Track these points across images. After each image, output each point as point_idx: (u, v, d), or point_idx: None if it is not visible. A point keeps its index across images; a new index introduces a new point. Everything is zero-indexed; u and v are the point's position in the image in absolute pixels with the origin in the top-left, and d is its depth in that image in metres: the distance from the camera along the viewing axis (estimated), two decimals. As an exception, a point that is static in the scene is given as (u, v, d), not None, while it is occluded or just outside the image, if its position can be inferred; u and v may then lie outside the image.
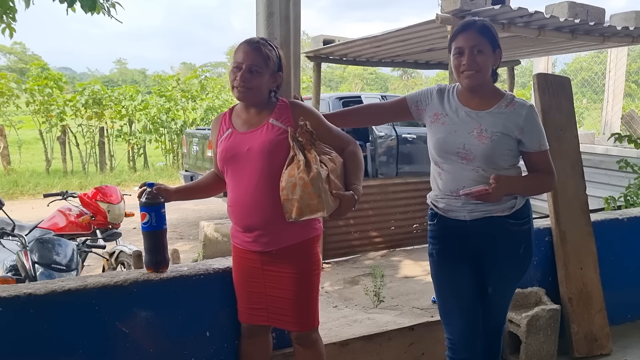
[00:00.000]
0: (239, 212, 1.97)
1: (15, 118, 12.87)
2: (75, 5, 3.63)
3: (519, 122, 2.00)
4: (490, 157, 2.00)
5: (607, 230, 3.21)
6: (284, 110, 1.96)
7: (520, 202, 2.07)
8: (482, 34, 1.97)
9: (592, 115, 12.43)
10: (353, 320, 3.31)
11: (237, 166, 1.95)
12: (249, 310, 2.08)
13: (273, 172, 1.88)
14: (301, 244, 1.97)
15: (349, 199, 1.92)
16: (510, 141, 2.02)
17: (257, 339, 2.17)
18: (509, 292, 2.23)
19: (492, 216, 2.05)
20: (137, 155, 13.72)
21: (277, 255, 1.96)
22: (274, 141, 1.89)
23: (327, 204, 1.84)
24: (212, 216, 7.79)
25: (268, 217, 1.91)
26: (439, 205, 2.14)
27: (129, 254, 3.80)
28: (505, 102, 2.04)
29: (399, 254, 5.56)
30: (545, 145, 2.06)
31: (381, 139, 7.52)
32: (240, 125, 2.00)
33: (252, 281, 2.04)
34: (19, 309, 1.84)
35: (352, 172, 1.99)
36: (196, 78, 14.85)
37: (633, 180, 4.03)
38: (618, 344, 3.08)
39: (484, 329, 2.22)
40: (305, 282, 1.99)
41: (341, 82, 40.01)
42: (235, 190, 1.97)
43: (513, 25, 3.77)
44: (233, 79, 1.91)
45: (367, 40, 4.68)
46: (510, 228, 2.07)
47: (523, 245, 2.12)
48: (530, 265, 2.20)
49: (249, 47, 1.90)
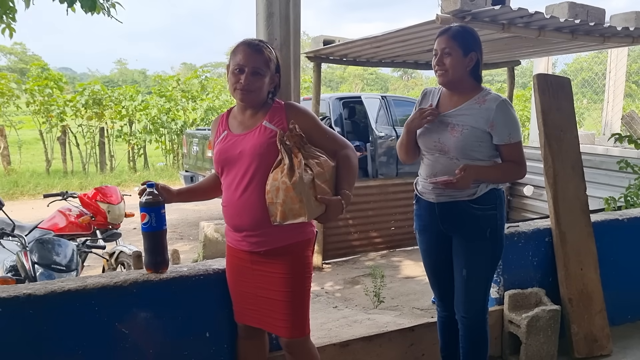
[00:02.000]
0: (230, 212, 1.98)
1: (16, 118, 12.87)
2: (75, 5, 3.63)
3: (489, 116, 2.17)
4: (462, 149, 2.19)
5: (608, 231, 3.21)
6: (278, 112, 1.95)
7: (483, 188, 2.23)
8: (453, 39, 2.19)
9: (593, 116, 12.42)
10: (353, 320, 3.30)
11: (230, 168, 1.96)
12: (241, 310, 2.08)
13: (264, 175, 1.88)
14: (291, 246, 1.95)
15: (336, 204, 1.89)
16: (481, 134, 2.19)
17: (253, 340, 2.16)
18: (482, 276, 2.33)
19: (457, 201, 2.25)
20: (137, 155, 13.72)
21: (267, 256, 1.95)
22: (265, 144, 1.89)
23: (310, 208, 1.82)
24: (212, 216, 7.79)
25: (257, 219, 1.90)
26: (417, 188, 2.41)
27: (129, 254, 3.81)
28: (477, 99, 2.22)
29: (399, 254, 5.56)
30: (515, 138, 2.21)
31: (381, 139, 7.51)
32: (236, 127, 2.00)
33: (243, 281, 2.04)
34: (19, 310, 1.83)
35: (343, 177, 1.96)
36: (196, 78, 14.84)
37: (633, 180, 4.02)
38: (618, 344, 3.07)
39: (464, 315, 2.34)
40: (294, 284, 1.95)
41: (341, 82, 40.04)
42: (227, 191, 1.99)
43: (513, 26, 3.76)
44: (236, 82, 1.90)
45: (367, 40, 4.68)
46: (474, 212, 2.24)
47: (489, 229, 2.26)
48: (501, 252, 2.34)
49: (250, 50, 1.90)
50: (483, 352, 2.37)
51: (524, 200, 6.62)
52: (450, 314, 2.44)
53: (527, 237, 2.97)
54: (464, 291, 2.32)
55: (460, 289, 2.33)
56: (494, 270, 2.37)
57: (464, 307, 2.34)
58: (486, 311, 2.38)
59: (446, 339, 2.52)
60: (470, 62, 2.20)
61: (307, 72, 16.63)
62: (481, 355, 2.37)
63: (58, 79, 12.61)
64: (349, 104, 8.08)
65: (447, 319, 2.48)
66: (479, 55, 2.23)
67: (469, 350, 2.38)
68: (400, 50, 5.14)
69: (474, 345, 2.37)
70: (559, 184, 3.01)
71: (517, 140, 2.21)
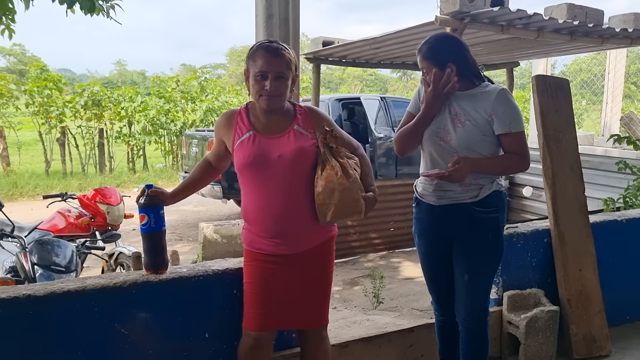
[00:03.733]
0: (269, 218, 1.96)
1: (15, 119, 12.86)
2: (75, 6, 3.63)
3: (489, 104, 2.13)
4: (464, 142, 2.15)
5: (606, 232, 3.21)
6: (306, 117, 2.00)
7: (485, 191, 2.19)
8: (425, 58, 2.19)
9: (591, 117, 12.43)
10: (352, 321, 3.30)
11: (266, 172, 1.93)
12: (267, 315, 2.01)
13: (299, 178, 1.94)
14: (324, 243, 2.06)
15: (371, 200, 2.02)
16: (483, 124, 2.14)
17: (263, 350, 2.07)
18: (484, 279, 2.30)
19: (459, 203, 2.21)
20: (136, 156, 13.71)
21: (302, 257, 2.01)
22: (304, 148, 1.94)
23: (363, 205, 1.97)
24: (212, 217, 7.80)
25: (299, 222, 1.96)
26: (418, 190, 2.36)
27: (128, 255, 3.80)
28: (480, 88, 2.19)
29: (398, 255, 5.56)
30: (516, 127, 2.15)
31: (380, 140, 7.52)
32: (262, 129, 1.97)
33: (279, 284, 2.01)
34: (18, 311, 1.83)
35: (368, 175, 2.08)
36: (196, 79, 14.82)
37: (632, 181, 4.03)
38: (617, 345, 3.08)
39: (466, 319, 2.31)
40: (330, 276, 2.11)
41: (340, 83, 40.04)
42: (262, 195, 1.96)
43: (512, 27, 3.78)
44: (260, 88, 1.89)
45: (366, 42, 4.69)
46: (476, 215, 2.20)
47: (491, 232, 2.23)
48: (502, 256, 2.31)
49: (270, 54, 1.88)
50: (483, 356, 2.35)
51: (523, 201, 6.63)
52: (449, 318, 2.42)
53: (526, 238, 2.98)
54: (465, 295, 2.28)
55: (461, 293, 2.29)
56: (494, 274, 2.36)
57: (465, 311, 2.30)
58: (487, 314, 2.36)
59: (445, 342, 2.51)
60: (451, 72, 2.15)
61: (306, 73, 16.64)
62: (481, 359, 2.35)
63: (57, 80, 12.59)
64: (348, 105, 8.09)
65: (445, 322, 2.46)
66: (460, 61, 2.17)
67: (468, 354, 2.35)
68: (400, 52, 5.16)
69: (474, 349, 2.34)
70: (557, 185, 3.02)
71: (519, 130, 2.15)
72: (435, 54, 2.17)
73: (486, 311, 2.35)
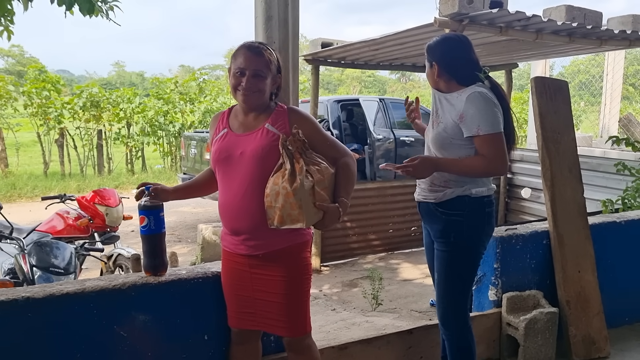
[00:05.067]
0: (228, 215, 1.97)
1: (13, 121, 12.86)
2: (74, 8, 3.63)
3: (460, 107, 2.14)
4: (436, 142, 2.23)
5: (605, 233, 3.22)
6: (281, 116, 1.96)
7: (448, 194, 2.21)
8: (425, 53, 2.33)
9: (590, 118, 12.46)
10: (351, 323, 3.31)
11: (229, 168, 1.95)
12: (238, 314, 2.07)
13: (264, 177, 1.88)
14: (289, 248, 1.95)
15: (333, 212, 1.89)
16: (452, 128, 2.17)
17: (246, 345, 2.14)
18: (448, 281, 2.28)
19: (426, 202, 2.30)
20: (135, 157, 13.69)
21: (265, 259, 1.95)
22: (267, 147, 1.89)
23: (308, 215, 1.82)
24: (211, 219, 7.79)
25: (256, 222, 1.90)
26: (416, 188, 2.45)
27: (127, 257, 3.80)
28: (463, 91, 2.18)
29: (397, 256, 5.56)
30: (484, 130, 2.09)
31: (379, 141, 7.52)
32: (237, 127, 2.00)
33: (240, 285, 2.02)
34: (17, 313, 1.83)
35: (342, 185, 1.96)
36: (194, 81, 14.82)
37: (630, 183, 4.03)
38: (616, 347, 3.08)
39: (440, 320, 2.36)
40: (293, 286, 1.97)
41: (339, 84, 40.03)
42: (225, 192, 1.98)
43: (511, 29, 3.78)
44: (237, 84, 1.92)
45: (365, 43, 4.69)
46: (439, 215, 2.25)
47: (453, 234, 2.22)
48: (471, 261, 2.26)
49: (251, 53, 1.91)
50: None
51: (522, 202, 6.63)
52: None
53: (525, 240, 2.98)
54: (437, 295, 2.34)
55: (437, 292, 2.35)
56: (462, 277, 2.28)
57: (438, 312, 2.35)
58: (460, 319, 2.30)
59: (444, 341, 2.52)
60: (434, 71, 2.26)
61: (305, 75, 16.65)
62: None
63: (56, 81, 12.58)
64: (347, 107, 8.09)
65: None
66: (447, 62, 2.22)
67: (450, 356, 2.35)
68: (399, 53, 5.16)
69: (453, 351, 2.33)
70: (556, 187, 3.02)
71: (487, 132, 2.09)
72: (427, 51, 2.30)
73: (458, 317, 2.30)
